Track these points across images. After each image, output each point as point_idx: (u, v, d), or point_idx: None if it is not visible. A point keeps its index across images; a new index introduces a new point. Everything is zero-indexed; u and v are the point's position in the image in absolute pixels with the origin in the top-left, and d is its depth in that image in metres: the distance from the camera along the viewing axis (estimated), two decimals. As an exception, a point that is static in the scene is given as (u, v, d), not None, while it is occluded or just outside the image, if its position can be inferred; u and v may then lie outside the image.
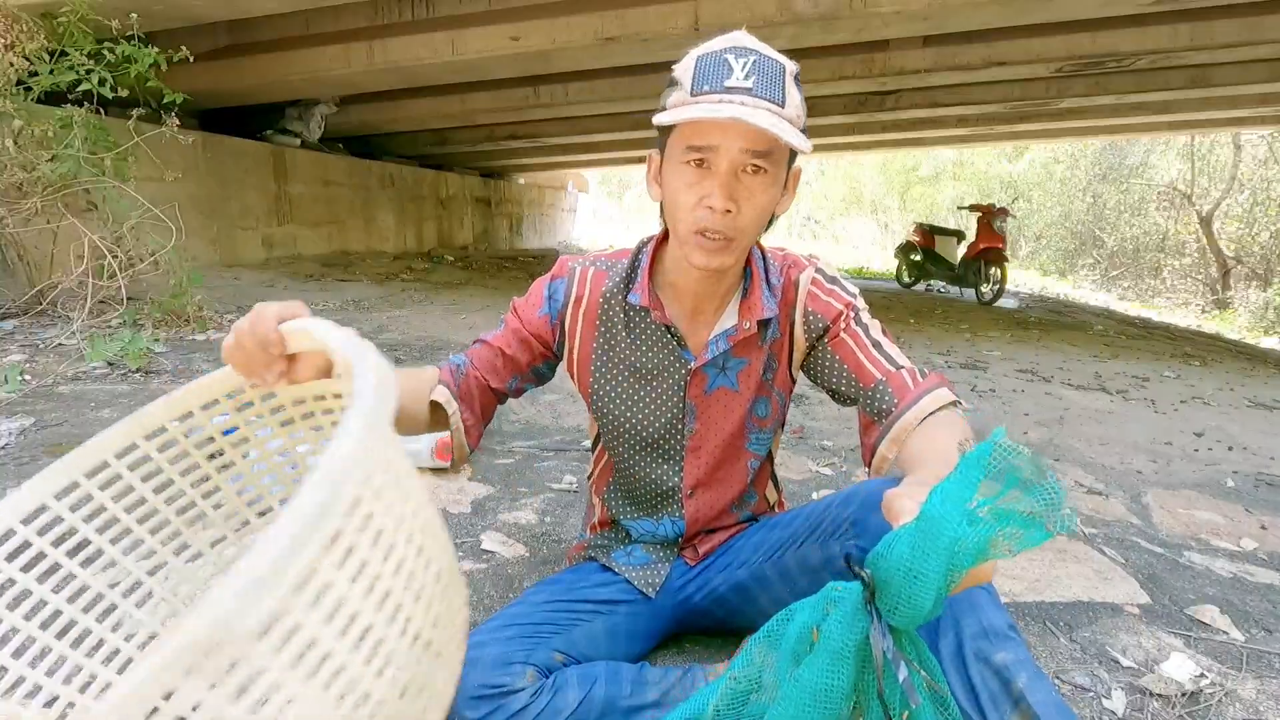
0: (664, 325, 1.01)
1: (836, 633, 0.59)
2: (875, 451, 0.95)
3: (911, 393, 0.94)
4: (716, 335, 1.01)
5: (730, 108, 0.80)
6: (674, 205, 0.90)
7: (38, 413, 2.16)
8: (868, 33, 4.66)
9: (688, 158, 0.86)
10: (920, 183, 21.61)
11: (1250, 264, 13.72)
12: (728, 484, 1.10)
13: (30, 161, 3.22)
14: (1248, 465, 2.47)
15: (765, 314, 0.99)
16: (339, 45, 4.96)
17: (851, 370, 0.99)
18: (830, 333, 1.01)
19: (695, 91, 0.84)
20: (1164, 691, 1.12)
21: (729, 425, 1.05)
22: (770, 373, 1.05)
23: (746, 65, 0.83)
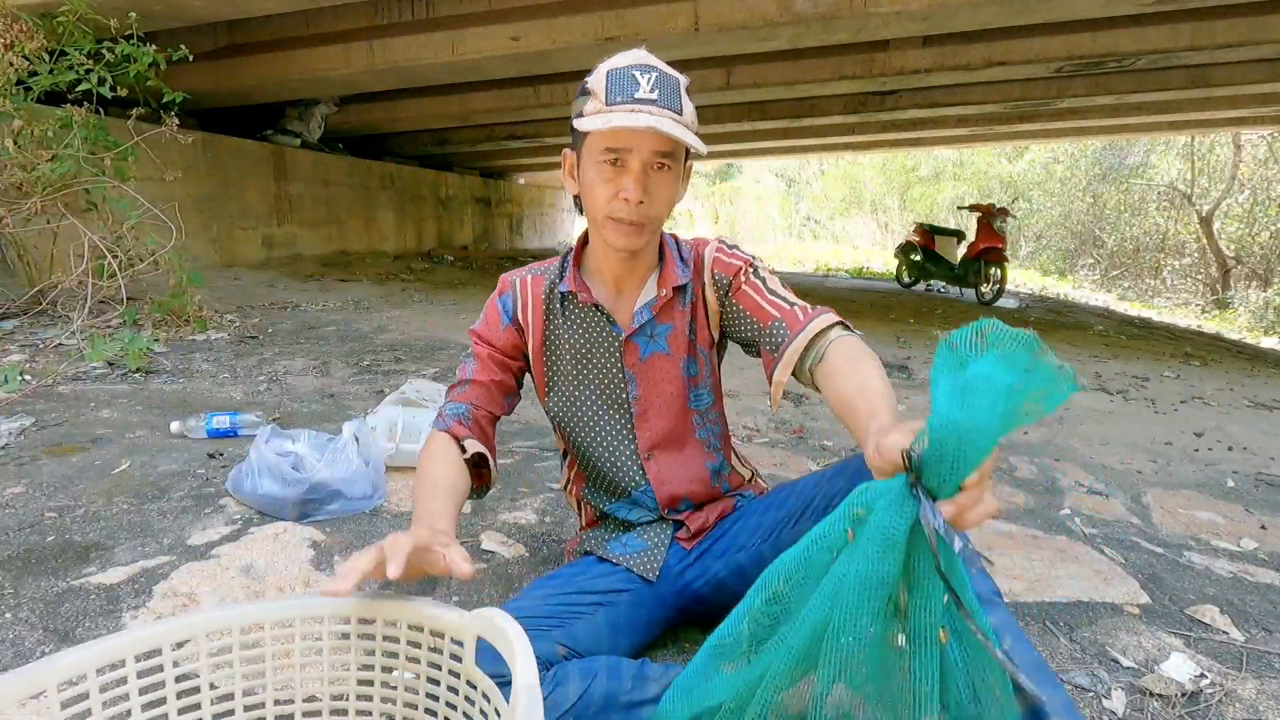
0: (592, 305, 1.13)
1: (886, 521, 0.60)
2: (772, 378, 1.05)
3: (800, 323, 1.05)
4: (640, 306, 1.13)
5: (645, 117, 0.94)
6: (593, 197, 1.03)
7: (38, 413, 2.16)
8: (868, 33, 4.67)
9: (605, 157, 1.00)
10: (920, 183, 21.59)
11: (1250, 264, 13.71)
12: (681, 443, 1.18)
13: (30, 161, 3.22)
14: (1248, 465, 2.47)
15: (679, 280, 1.13)
16: (339, 45, 4.97)
17: (752, 314, 1.10)
18: (733, 287, 1.13)
19: (610, 102, 0.97)
20: (1164, 691, 1.12)
21: (668, 386, 1.16)
22: (693, 333, 1.16)
23: (651, 79, 0.98)
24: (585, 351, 1.16)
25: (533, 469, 1.95)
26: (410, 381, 2.26)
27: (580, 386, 1.17)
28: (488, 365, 1.16)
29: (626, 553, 1.15)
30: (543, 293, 1.16)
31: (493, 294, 1.19)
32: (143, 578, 1.29)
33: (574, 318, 1.15)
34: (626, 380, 1.15)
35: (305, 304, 4.64)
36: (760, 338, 1.09)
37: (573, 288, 1.13)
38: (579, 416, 1.18)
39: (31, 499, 1.58)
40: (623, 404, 1.16)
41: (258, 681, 0.82)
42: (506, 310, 1.17)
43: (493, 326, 1.17)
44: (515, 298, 1.17)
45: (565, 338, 1.16)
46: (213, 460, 1.86)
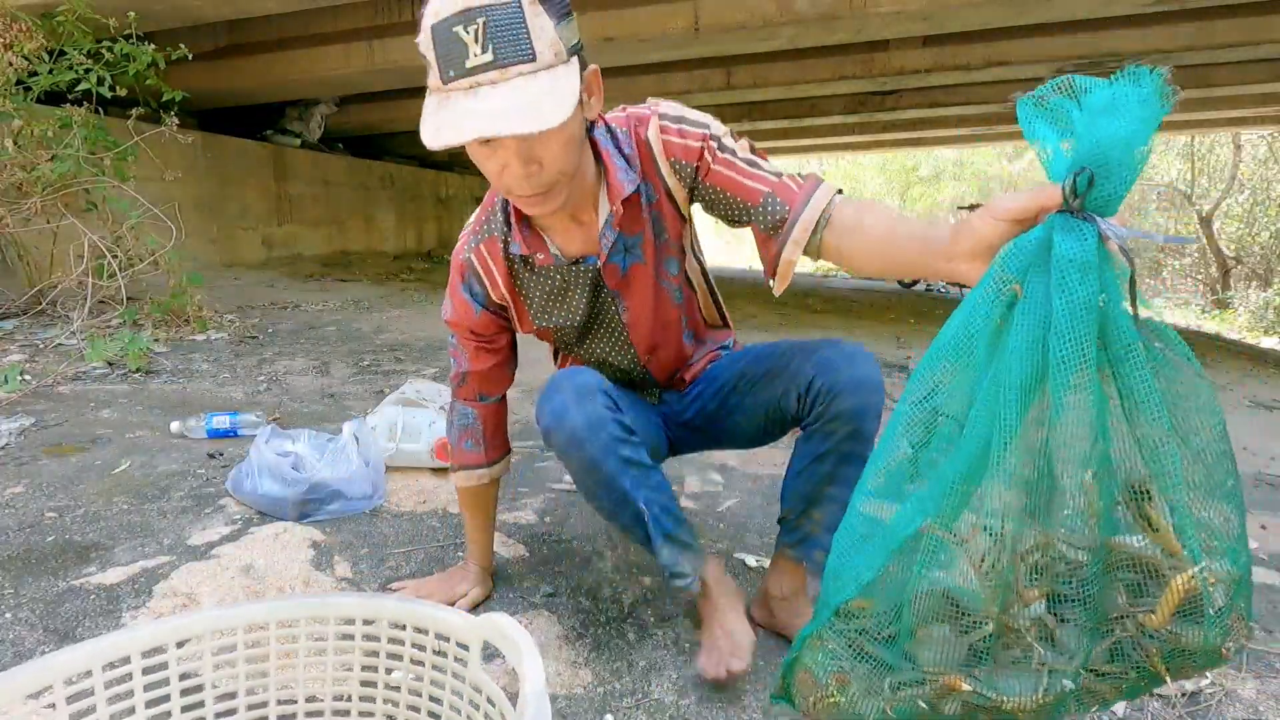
0: (553, 257, 1.05)
1: (1071, 248, 0.58)
2: (780, 258, 0.96)
3: (798, 195, 0.95)
4: (603, 228, 1.03)
5: (478, 123, 0.77)
6: (482, 169, 0.90)
7: (38, 413, 2.16)
8: (867, 33, 4.66)
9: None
10: (920, 183, 21.60)
11: (1250, 264, 13.71)
12: (670, 331, 1.19)
13: (30, 161, 3.22)
14: (1248, 465, 2.47)
15: (627, 189, 1.00)
16: (339, 45, 4.96)
17: (735, 194, 1.00)
18: (700, 170, 1.01)
19: (445, 79, 0.80)
20: (1164, 691, 1.12)
21: (652, 292, 1.13)
22: (662, 232, 1.09)
23: (477, 32, 0.77)
24: (567, 294, 1.11)
25: (533, 469, 1.95)
26: (410, 381, 2.26)
27: (571, 319, 1.14)
28: (479, 355, 1.16)
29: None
30: (501, 255, 1.08)
31: (452, 279, 1.13)
32: (143, 578, 1.29)
33: (541, 273, 1.09)
34: (614, 299, 1.12)
35: (305, 304, 4.64)
36: (751, 216, 0.99)
37: (526, 250, 1.04)
38: (574, 337, 1.18)
39: (31, 499, 1.58)
40: (614, 322, 1.15)
41: (260, 681, 0.82)
42: (476, 297, 1.12)
43: (466, 316, 1.13)
44: (480, 278, 1.11)
45: (540, 287, 1.11)
46: (213, 460, 1.86)
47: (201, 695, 0.77)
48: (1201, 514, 0.62)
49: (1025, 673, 0.65)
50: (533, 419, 1.23)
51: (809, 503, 1.11)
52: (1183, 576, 0.62)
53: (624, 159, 1.02)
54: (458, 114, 0.79)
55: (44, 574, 1.29)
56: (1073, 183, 0.59)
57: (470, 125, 0.77)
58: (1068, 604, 0.64)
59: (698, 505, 1.78)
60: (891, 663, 0.68)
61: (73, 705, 0.68)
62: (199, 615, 0.77)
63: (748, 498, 1.83)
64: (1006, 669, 0.66)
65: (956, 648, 0.66)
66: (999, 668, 0.66)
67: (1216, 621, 0.62)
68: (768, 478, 1.94)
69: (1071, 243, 0.59)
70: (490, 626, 0.74)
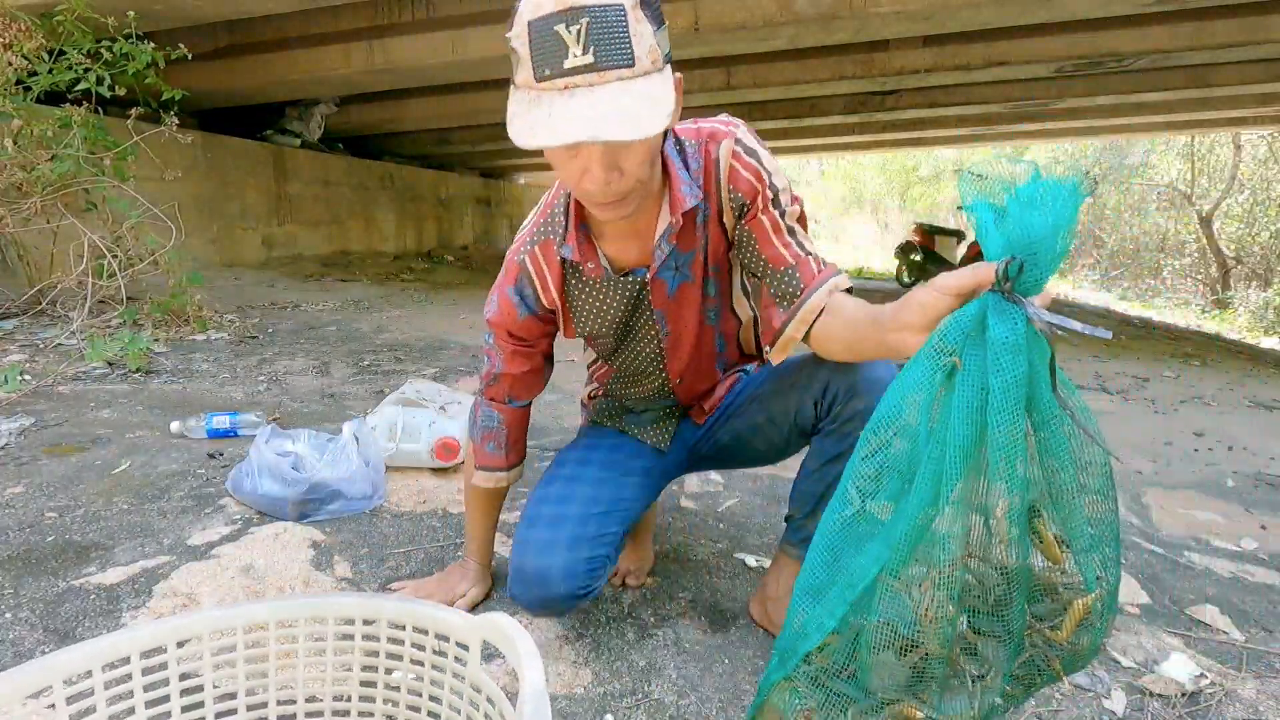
0: (602, 268, 1.04)
1: (1003, 330, 0.66)
2: (783, 331, 1.02)
3: (816, 278, 1.00)
4: (660, 239, 1.01)
5: (576, 127, 0.75)
6: (560, 175, 0.90)
7: (38, 413, 2.16)
8: (868, 33, 4.66)
9: None
10: (920, 183, 21.59)
11: (1250, 264, 13.71)
12: (704, 357, 1.19)
13: (30, 161, 3.22)
14: (1248, 465, 2.47)
15: (689, 203, 0.99)
16: (339, 45, 4.96)
17: (763, 251, 1.02)
18: (748, 212, 1.02)
19: (539, 76, 0.77)
20: (1164, 691, 1.12)
21: (692, 313, 1.12)
22: (708, 253, 1.07)
23: (579, 33, 0.75)
24: (607, 307, 1.09)
25: (533, 469, 1.95)
26: (410, 381, 2.26)
27: (607, 333, 1.13)
28: (514, 359, 1.14)
29: (640, 425, 1.26)
30: (556, 259, 1.06)
31: (501, 280, 1.10)
32: (143, 578, 1.29)
33: (587, 280, 1.08)
34: (656, 320, 1.10)
35: (305, 304, 4.64)
36: (769, 277, 1.03)
37: (577, 257, 1.02)
38: (610, 353, 1.19)
39: (31, 499, 1.58)
40: (653, 340, 1.14)
41: (260, 681, 0.82)
42: (526, 301, 1.09)
43: (509, 318, 1.10)
44: (532, 282, 1.08)
45: (586, 295, 1.09)
46: (213, 460, 1.86)
47: (201, 695, 0.77)
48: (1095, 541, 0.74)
49: (962, 694, 0.75)
50: (534, 420, 1.26)
51: (819, 502, 1.11)
52: (1083, 600, 0.73)
53: (688, 173, 1.00)
54: (554, 115, 0.76)
55: (44, 574, 1.29)
56: (1004, 269, 0.65)
57: (568, 129, 0.75)
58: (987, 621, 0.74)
59: (698, 505, 1.78)
60: (852, 695, 0.77)
61: (73, 705, 0.68)
62: (199, 615, 0.77)
63: (748, 498, 1.83)
64: (948, 692, 0.76)
65: (900, 671, 0.74)
66: (943, 691, 0.75)
67: (1103, 628, 0.76)
68: (768, 478, 1.94)
69: (1004, 327, 0.66)
70: (490, 626, 0.74)
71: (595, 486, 1.14)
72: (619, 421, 1.28)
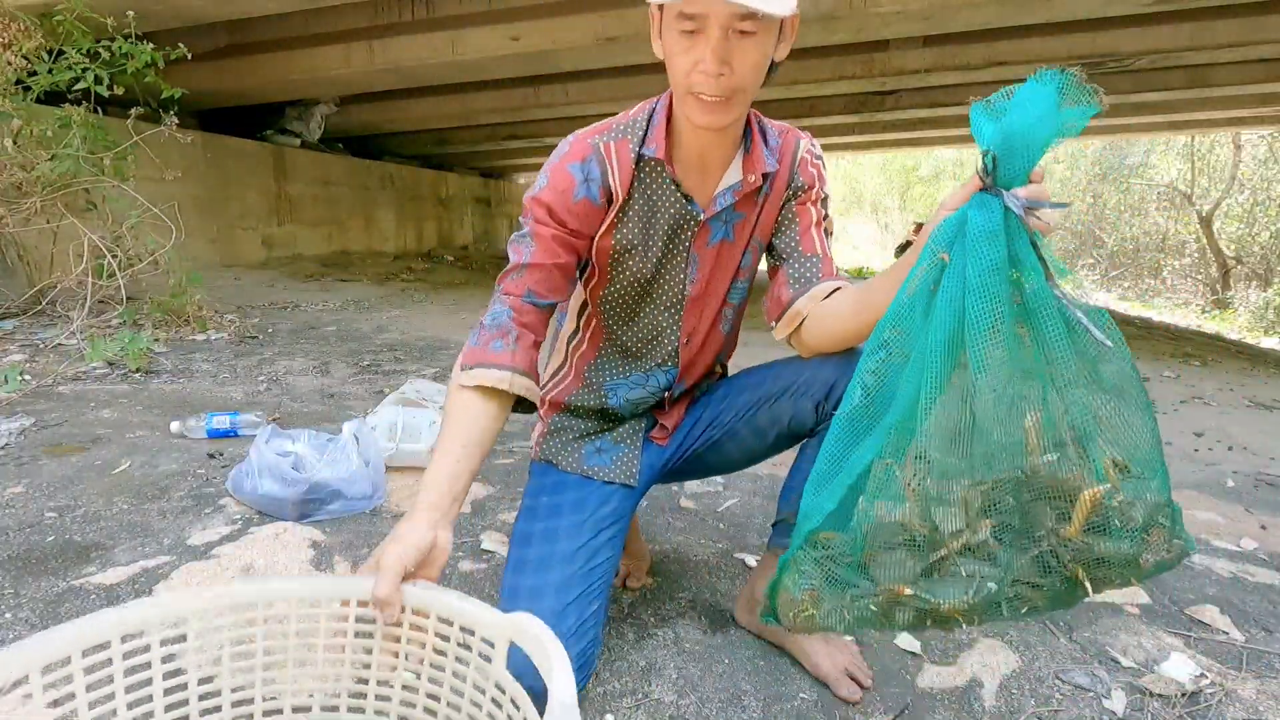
0: (674, 181, 1.03)
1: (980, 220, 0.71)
2: (791, 304, 1.07)
3: (831, 274, 1.08)
4: (723, 190, 1.05)
5: None
6: (673, 66, 0.93)
7: (38, 413, 2.16)
8: (868, 33, 4.66)
9: (680, 26, 0.89)
10: (920, 183, 21.61)
11: (1250, 264, 13.72)
12: (712, 333, 1.17)
13: (30, 161, 3.22)
14: (1248, 465, 2.47)
15: (767, 168, 1.05)
16: (339, 45, 4.97)
17: (798, 235, 1.09)
18: (800, 198, 1.10)
19: None
20: (1164, 691, 1.12)
21: (723, 276, 1.12)
22: (758, 226, 1.11)
23: None
24: (655, 223, 1.05)
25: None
26: (410, 381, 2.26)
27: (641, 256, 1.07)
28: (551, 246, 1.00)
29: (603, 464, 1.15)
30: (631, 157, 1.02)
31: (562, 157, 1.02)
32: (143, 578, 1.29)
33: (653, 188, 1.04)
34: (689, 262, 1.09)
35: (305, 304, 4.64)
36: (791, 258, 1.09)
37: (661, 154, 1.00)
38: (630, 290, 1.10)
39: (31, 499, 1.58)
40: (677, 286, 1.10)
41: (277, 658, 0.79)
42: (590, 182, 1.01)
43: (564, 197, 1.00)
44: (603, 164, 1.01)
45: (641, 206, 1.04)
46: (213, 460, 1.86)
47: (218, 684, 0.76)
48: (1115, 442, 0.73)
49: (957, 580, 0.77)
50: (532, 419, 1.21)
51: None
52: (1090, 491, 0.72)
53: (768, 147, 1.07)
54: None
55: (44, 574, 1.29)
56: (982, 164, 0.70)
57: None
58: (1002, 528, 0.75)
59: (698, 505, 1.78)
60: (853, 581, 0.81)
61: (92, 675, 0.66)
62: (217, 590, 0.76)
63: (748, 498, 1.83)
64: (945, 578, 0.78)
65: (911, 569, 0.77)
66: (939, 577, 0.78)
67: (1129, 535, 0.74)
68: (767, 477, 1.94)
69: (981, 216, 0.70)
70: (520, 628, 0.71)
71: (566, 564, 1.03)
72: (577, 459, 1.16)
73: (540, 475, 1.18)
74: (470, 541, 1.52)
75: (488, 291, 1.13)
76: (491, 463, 1.97)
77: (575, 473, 1.15)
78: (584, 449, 1.17)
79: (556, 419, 1.20)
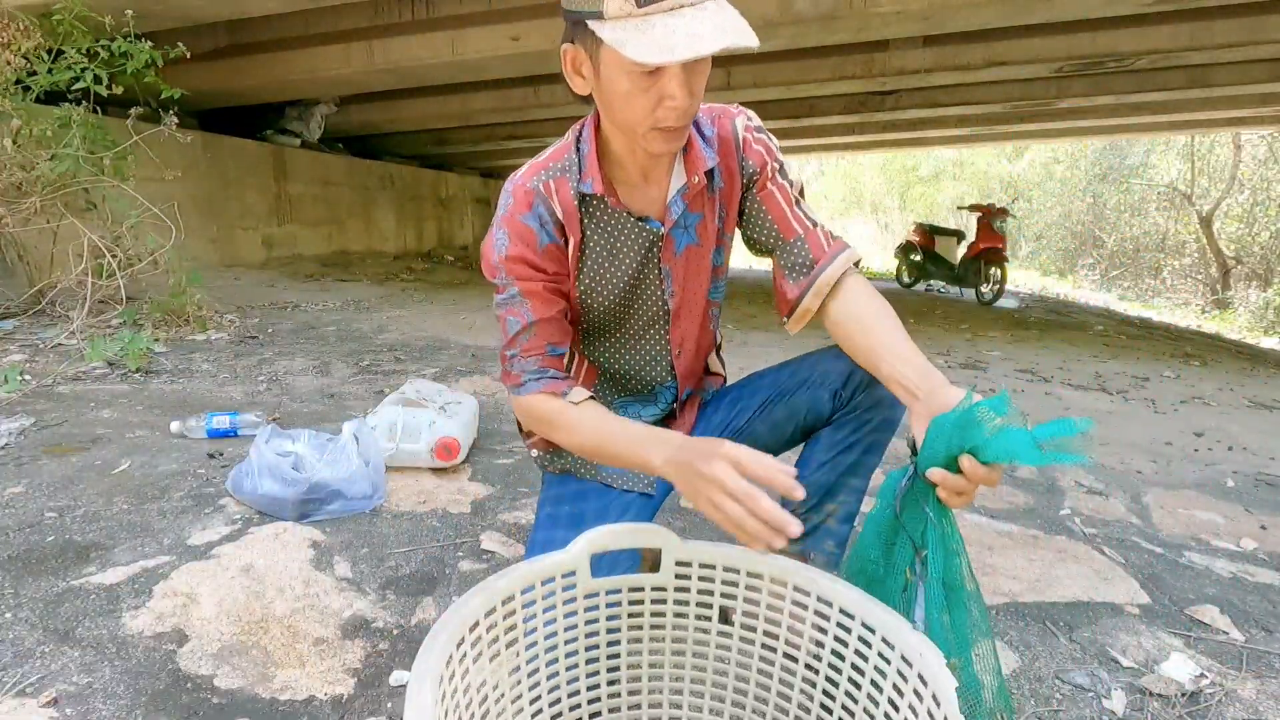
0: (623, 210, 1.01)
1: (887, 484, 0.83)
2: (799, 304, 1.05)
3: (827, 253, 1.04)
4: (673, 197, 1.02)
5: (688, 43, 0.77)
6: (625, 105, 0.88)
7: (38, 413, 2.16)
8: (868, 33, 4.66)
9: (640, 69, 0.83)
10: (920, 183, 21.61)
11: (1250, 264, 13.72)
12: (702, 334, 1.16)
13: (29, 161, 3.22)
14: (1248, 465, 2.47)
15: (708, 164, 1.01)
16: (339, 45, 4.96)
17: (774, 221, 1.06)
18: (758, 183, 1.06)
19: (641, 2, 0.79)
20: (1164, 691, 1.12)
21: (698, 280, 1.10)
22: (721, 221, 1.09)
23: None
24: (619, 253, 1.04)
25: (532, 469, 1.95)
26: (410, 381, 2.26)
27: (613, 288, 1.06)
28: (546, 297, 1.00)
29: (622, 472, 1.15)
30: (571, 196, 1.00)
31: (509, 211, 0.99)
32: (143, 578, 1.29)
33: (603, 221, 1.03)
34: (663, 277, 1.07)
35: (305, 304, 4.64)
36: (779, 250, 1.06)
37: (599, 190, 0.98)
38: (609, 318, 1.10)
39: (31, 499, 1.58)
40: (658, 302, 1.09)
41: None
42: (546, 227, 0.99)
43: (529, 247, 0.98)
44: (550, 208, 0.99)
45: (598, 242, 1.03)
46: (213, 460, 1.86)
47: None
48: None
49: None
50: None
51: (826, 493, 1.09)
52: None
53: (704, 139, 1.03)
54: (677, 32, 0.78)
55: (44, 574, 1.29)
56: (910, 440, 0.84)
57: (702, 42, 0.77)
58: None
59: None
60: None
61: None
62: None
63: (748, 498, 1.83)
64: None
65: None
66: None
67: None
68: (768, 478, 1.94)
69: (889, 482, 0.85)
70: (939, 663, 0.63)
71: None
72: (595, 467, 1.16)
73: (559, 485, 1.18)
74: (470, 542, 1.52)
75: (488, 291, 1.13)
76: (491, 463, 1.97)
77: (595, 481, 1.16)
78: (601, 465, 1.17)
79: None
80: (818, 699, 0.78)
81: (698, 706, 0.85)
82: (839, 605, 0.74)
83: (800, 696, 0.80)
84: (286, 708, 1.02)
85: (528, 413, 1.01)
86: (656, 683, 0.84)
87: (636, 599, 0.82)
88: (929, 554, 0.79)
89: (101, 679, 1.03)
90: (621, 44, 0.79)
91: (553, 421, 0.98)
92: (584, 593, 0.78)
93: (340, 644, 1.16)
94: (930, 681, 0.63)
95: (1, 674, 1.03)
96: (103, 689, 1.02)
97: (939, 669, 0.63)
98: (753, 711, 0.83)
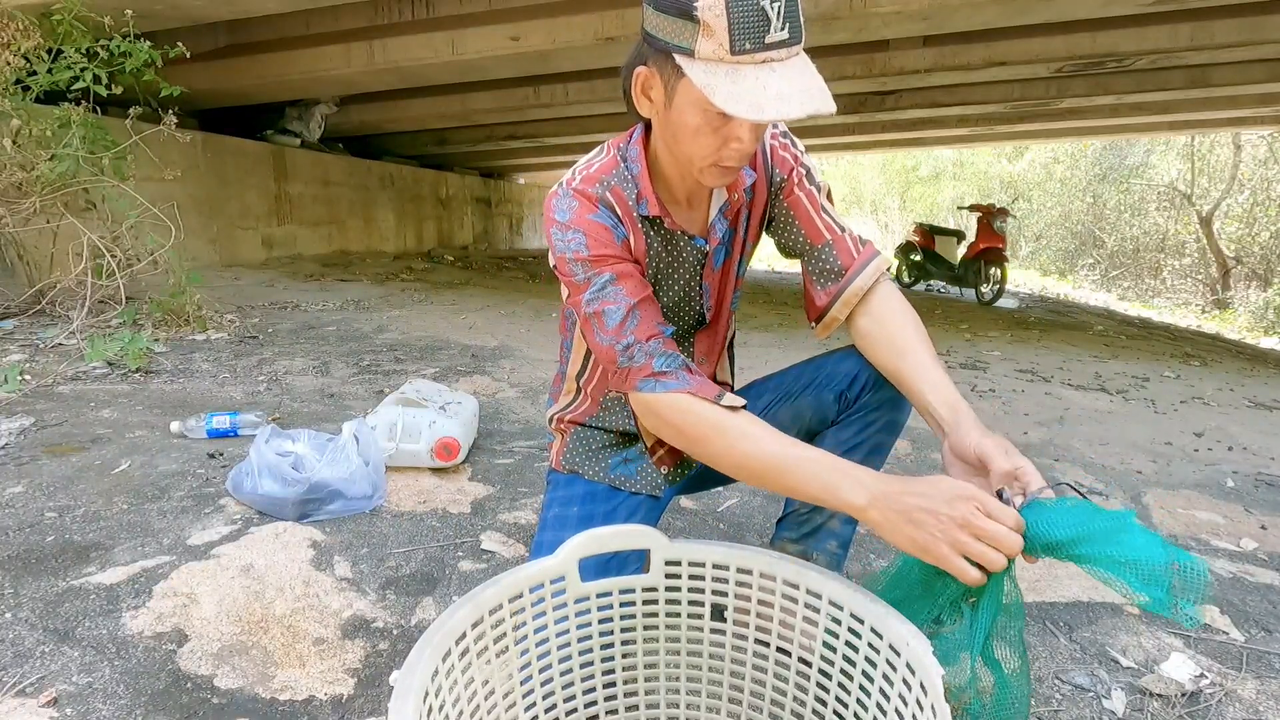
0: (679, 230, 1.03)
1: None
2: (827, 312, 1.05)
3: (856, 261, 1.04)
4: (715, 216, 1.04)
5: (776, 105, 0.76)
6: (692, 139, 0.88)
7: (38, 413, 2.15)
8: (868, 33, 4.66)
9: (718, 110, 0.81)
10: (920, 183, 21.60)
11: (1250, 264, 13.71)
12: (718, 346, 1.18)
13: (29, 161, 3.22)
14: (1248, 465, 2.47)
15: (746, 181, 1.03)
16: (339, 45, 4.96)
17: (802, 227, 1.06)
18: (785, 189, 1.07)
19: (736, 49, 0.77)
20: (1164, 691, 1.12)
21: (728, 292, 1.13)
22: (746, 232, 1.10)
23: (780, 9, 0.77)
24: (673, 270, 1.07)
25: (532, 469, 1.95)
26: (410, 381, 2.26)
27: (664, 303, 1.07)
28: (638, 279, 0.97)
29: (629, 474, 1.16)
30: (630, 207, 1.00)
31: (574, 213, 0.96)
32: (143, 578, 1.29)
33: (659, 239, 1.05)
34: (703, 293, 1.09)
35: (305, 304, 4.63)
36: (808, 256, 1.07)
37: (656, 212, 0.99)
38: None
39: (31, 499, 1.58)
40: (695, 315, 1.11)
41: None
42: (614, 223, 0.98)
43: (607, 243, 0.96)
44: (616, 212, 0.99)
45: (656, 255, 1.05)
46: (213, 460, 1.86)
47: None
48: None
49: None
50: (532, 419, 1.21)
51: None
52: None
53: None
54: (768, 89, 0.77)
55: (44, 574, 1.29)
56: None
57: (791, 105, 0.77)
58: None
59: (698, 505, 1.77)
60: None
61: None
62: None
63: (748, 497, 1.83)
64: None
65: None
66: None
67: None
68: (768, 478, 1.94)
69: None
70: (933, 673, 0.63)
71: None
72: (603, 469, 1.18)
73: (566, 486, 1.19)
74: (470, 542, 1.52)
75: (487, 291, 1.14)
76: (491, 463, 1.97)
77: (603, 482, 1.17)
78: (610, 459, 1.19)
79: (579, 432, 1.22)
80: (812, 690, 0.79)
81: (695, 704, 0.85)
82: (828, 597, 0.75)
83: (794, 690, 0.81)
84: (286, 708, 1.02)
85: (667, 414, 0.90)
86: (653, 683, 0.85)
87: (628, 600, 0.82)
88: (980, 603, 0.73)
89: (101, 679, 1.03)
90: (711, 90, 0.78)
91: (709, 431, 0.87)
92: (574, 597, 0.78)
93: (340, 644, 1.16)
94: (918, 669, 0.65)
95: (1, 674, 1.03)
96: (102, 689, 1.02)
97: (924, 656, 0.64)
98: (749, 706, 0.84)
